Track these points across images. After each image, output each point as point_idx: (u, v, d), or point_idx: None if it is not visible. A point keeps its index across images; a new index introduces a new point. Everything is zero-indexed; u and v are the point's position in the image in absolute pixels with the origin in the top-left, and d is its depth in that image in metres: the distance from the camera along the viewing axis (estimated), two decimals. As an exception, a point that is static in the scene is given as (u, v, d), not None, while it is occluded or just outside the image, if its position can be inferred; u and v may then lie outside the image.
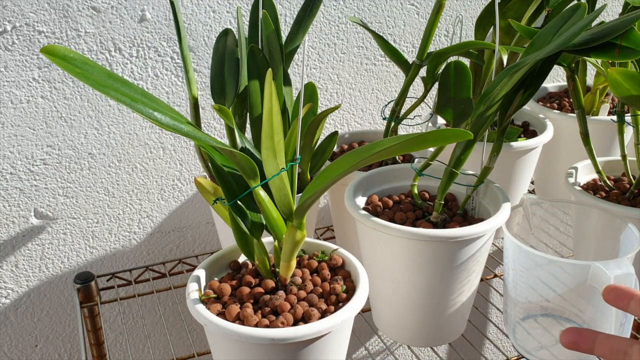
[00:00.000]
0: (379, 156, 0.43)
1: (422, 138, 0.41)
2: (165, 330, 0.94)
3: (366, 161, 0.44)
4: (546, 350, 0.63)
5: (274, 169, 0.50)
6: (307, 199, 0.49)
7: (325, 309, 0.52)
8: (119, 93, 0.43)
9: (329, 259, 0.58)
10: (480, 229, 0.59)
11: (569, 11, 0.56)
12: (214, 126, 0.87)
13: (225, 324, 0.48)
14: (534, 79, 0.60)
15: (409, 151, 0.44)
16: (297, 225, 0.52)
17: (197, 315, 0.50)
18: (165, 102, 0.48)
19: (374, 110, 0.98)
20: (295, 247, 0.52)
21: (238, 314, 0.50)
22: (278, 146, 0.49)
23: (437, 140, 0.42)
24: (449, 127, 0.65)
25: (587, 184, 0.77)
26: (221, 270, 0.58)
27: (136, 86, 0.46)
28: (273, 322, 0.49)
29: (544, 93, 1.01)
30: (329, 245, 0.59)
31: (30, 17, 0.72)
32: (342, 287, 0.53)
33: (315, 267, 0.57)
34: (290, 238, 0.52)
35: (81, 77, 0.42)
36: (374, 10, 0.91)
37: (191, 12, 0.80)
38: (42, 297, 0.87)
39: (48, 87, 0.76)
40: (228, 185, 0.53)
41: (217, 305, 0.52)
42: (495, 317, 1.22)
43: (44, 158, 0.79)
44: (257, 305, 0.52)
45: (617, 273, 0.53)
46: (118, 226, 0.87)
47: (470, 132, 0.40)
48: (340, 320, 0.49)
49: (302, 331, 0.47)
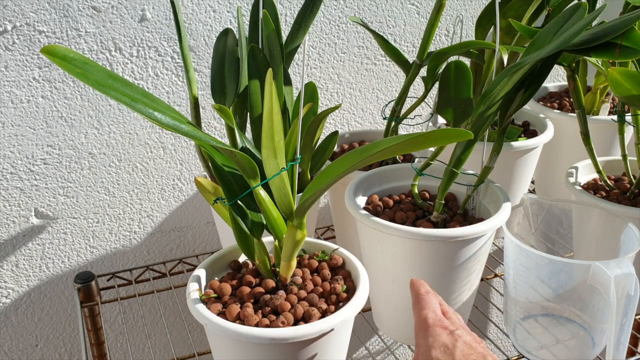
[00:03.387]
0: (380, 156, 0.43)
1: (422, 138, 0.41)
2: (165, 329, 0.94)
3: (366, 161, 0.44)
4: (546, 350, 0.63)
5: (274, 169, 0.50)
6: (308, 198, 0.49)
7: (325, 309, 0.52)
8: (119, 93, 0.43)
9: (330, 259, 0.58)
10: (481, 228, 0.59)
11: (570, 11, 0.56)
12: (215, 126, 0.87)
13: (225, 324, 0.48)
14: (535, 79, 0.59)
15: (409, 151, 0.44)
16: (297, 225, 0.52)
17: (198, 315, 0.50)
18: (165, 102, 0.49)
19: (375, 110, 0.98)
20: (295, 247, 0.52)
21: (238, 313, 0.50)
22: (278, 146, 0.49)
23: (438, 140, 0.42)
24: (450, 127, 0.65)
25: (587, 184, 0.77)
26: (222, 269, 0.58)
27: (136, 86, 0.46)
28: (273, 322, 0.49)
29: (545, 93, 1.01)
30: (329, 245, 0.59)
31: (31, 17, 0.72)
32: (342, 287, 0.53)
33: (315, 266, 0.57)
34: (291, 238, 0.52)
35: (81, 77, 0.42)
36: (374, 10, 0.91)
37: (191, 12, 0.80)
38: (43, 297, 0.87)
39: (48, 86, 0.76)
40: (228, 185, 0.53)
41: (217, 304, 0.52)
42: (496, 316, 1.22)
43: (44, 158, 0.79)
44: (257, 305, 0.52)
45: (617, 273, 0.53)
46: (118, 226, 0.87)
47: (470, 131, 0.40)
48: (341, 320, 0.49)
49: (303, 331, 0.47)
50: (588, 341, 0.61)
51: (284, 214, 0.52)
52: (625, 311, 0.53)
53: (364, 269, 0.55)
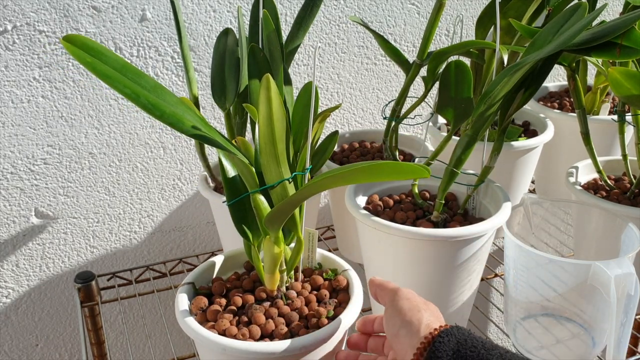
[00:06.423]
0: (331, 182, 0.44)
1: (375, 169, 0.41)
2: (165, 329, 0.94)
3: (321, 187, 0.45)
4: (547, 350, 0.63)
5: (276, 177, 0.49)
6: (274, 214, 0.48)
7: (299, 331, 0.50)
8: (126, 87, 0.43)
9: (334, 279, 0.57)
10: (481, 228, 0.59)
11: (570, 10, 0.56)
12: (215, 126, 0.87)
13: (191, 324, 0.49)
14: (535, 79, 0.59)
15: (354, 182, 0.45)
16: (273, 240, 0.51)
17: (175, 305, 0.52)
18: (172, 93, 0.48)
19: (375, 110, 0.98)
20: (274, 262, 0.52)
21: (215, 316, 0.51)
22: (282, 155, 0.48)
23: (390, 173, 0.42)
24: (450, 126, 0.65)
25: (587, 184, 0.77)
26: (227, 270, 0.59)
27: (148, 77, 0.46)
28: (238, 332, 0.49)
29: (545, 92, 1.01)
30: (342, 264, 0.58)
31: (31, 17, 0.72)
32: (328, 313, 0.52)
33: (319, 284, 0.56)
34: (269, 252, 0.51)
35: (89, 67, 0.42)
36: (374, 10, 0.91)
37: (192, 12, 0.80)
38: (43, 297, 0.87)
39: (49, 86, 0.76)
40: (232, 185, 0.53)
41: (203, 299, 0.53)
42: (496, 316, 1.22)
43: (44, 157, 0.79)
44: (242, 311, 0.53)
45: (617, 272, 0.53)
46: (119, 225, 0.87)
47: (426, 169, 0.40)
48: (299, 347, 0.47)
49: (254, 347, 0.47)
50: (588, 341, 0.62)
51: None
52: (625, 311, 0.53)
53: (360, 301, 0.54)
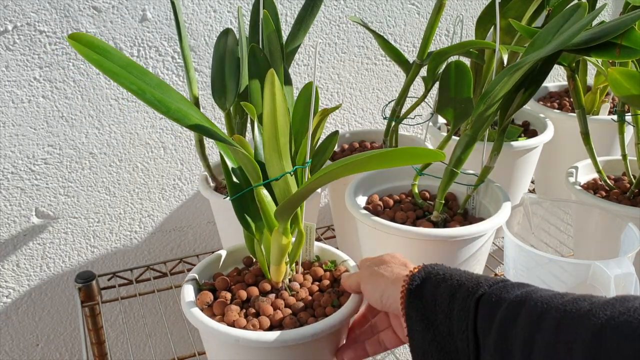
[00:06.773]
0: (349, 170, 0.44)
1: (391, 155, 0.42)
2: (166, 329, 0.94)
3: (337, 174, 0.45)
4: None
5: (278, 170, 0.49)
6: (284, 204, 0.49)
7: (306, 320, 0.51)
8: (132, 84, 0.44)
9: (335, 269, 0.57)
10: (481, 228, 0.59)
11: (570, 11, 0.56)
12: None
13: (199, 315, 0.50)
14: (535, 79, 0.60)
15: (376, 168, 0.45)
16: (282, 231, 0.51)
17: (182, 299, 0.53)
18: (175, 90, 0.48)
19: (375, 110, 0.98)
20: (282, 253, 0.52)
21: (223, 309, 0.51)
22: (284, 149, 0.49)
23: (407, 158, 0.43)
24: (450, 126, 0.65)
25: (587, 184, 0.77)
26: (227, 266, 0.59)
27: (153, 75, 0.46)
28: (248, 324, 0.49)
29: (545, 92, 1.01)
30: (341, 255, 0.59)
31: (32, 17, 0.72)
32: (333, 301, 0.52)
33: (319, 275, 0.57)
34: (277, 243, 0.52)
35: (96, 64, 0.43)
36: (374, 10, 0.91)
37: (192, 12, 0.80)
38: (44, 297, 0.87)
39: (49, 86, 0.76)
40: (233, 180, 0.54)
41: (209, 294, 0.53)
42: (496, 316, 1.22)
43: (45, 157, 0.79)
44: (248, 304, 0.53)
45: (617, 272, 0.53)
46: (119, 225, 0.87)
47: (442, 152, 0.41)
48: (310, 334, 0.48)
49: (266, 337, 0.47)
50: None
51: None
52: (625, 311, 0.53)
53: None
